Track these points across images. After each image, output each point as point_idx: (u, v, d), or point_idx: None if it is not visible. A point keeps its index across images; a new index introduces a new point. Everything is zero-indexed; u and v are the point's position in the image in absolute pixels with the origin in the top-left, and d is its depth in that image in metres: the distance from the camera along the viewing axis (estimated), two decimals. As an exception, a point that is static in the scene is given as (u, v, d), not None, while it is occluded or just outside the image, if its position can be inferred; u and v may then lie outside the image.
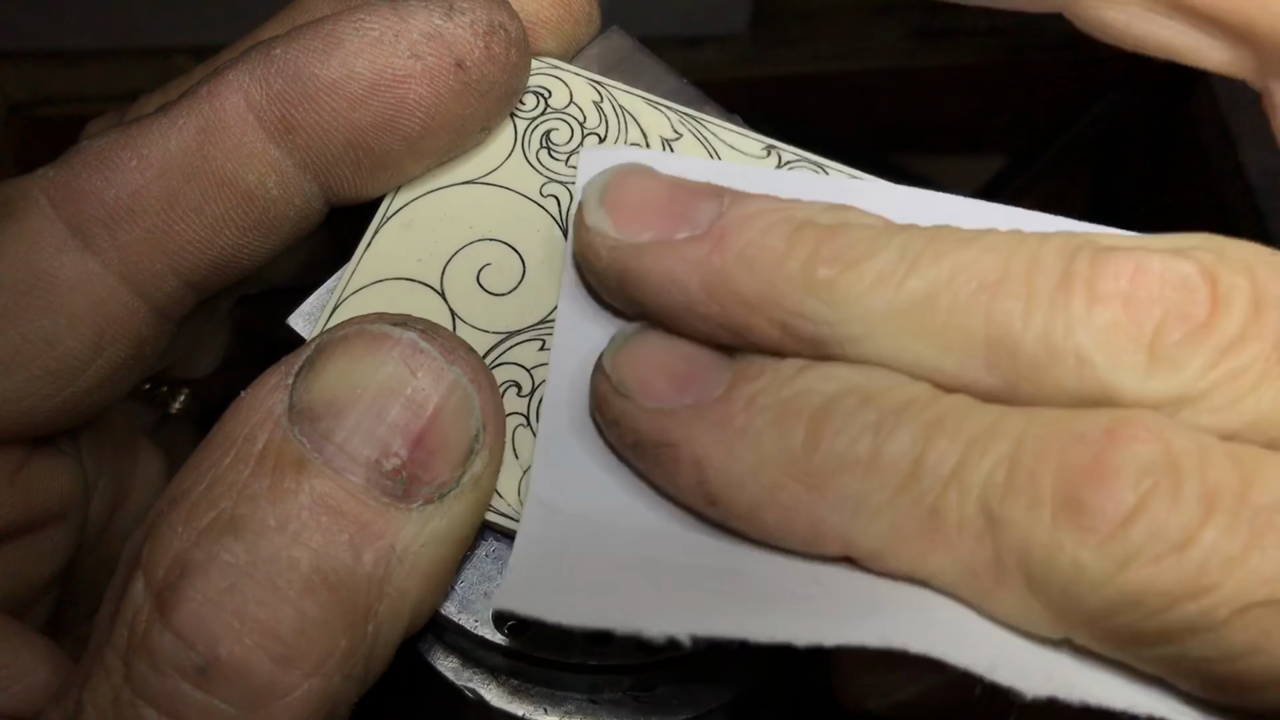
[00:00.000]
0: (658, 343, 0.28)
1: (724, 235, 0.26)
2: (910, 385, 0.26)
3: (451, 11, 0.29)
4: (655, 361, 0.27)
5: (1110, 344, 0.24)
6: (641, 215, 0.27)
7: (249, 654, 0.24)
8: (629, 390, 0.27)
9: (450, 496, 0.26)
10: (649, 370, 0.27)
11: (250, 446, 0.25)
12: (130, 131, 0.29)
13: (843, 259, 0.26)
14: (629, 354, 0.28)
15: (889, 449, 0.25)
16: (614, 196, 0.28)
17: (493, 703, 0.31)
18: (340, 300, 0.30)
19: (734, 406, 0.26)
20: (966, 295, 0.25)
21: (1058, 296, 0.25)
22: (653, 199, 0.28)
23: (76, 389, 0.30)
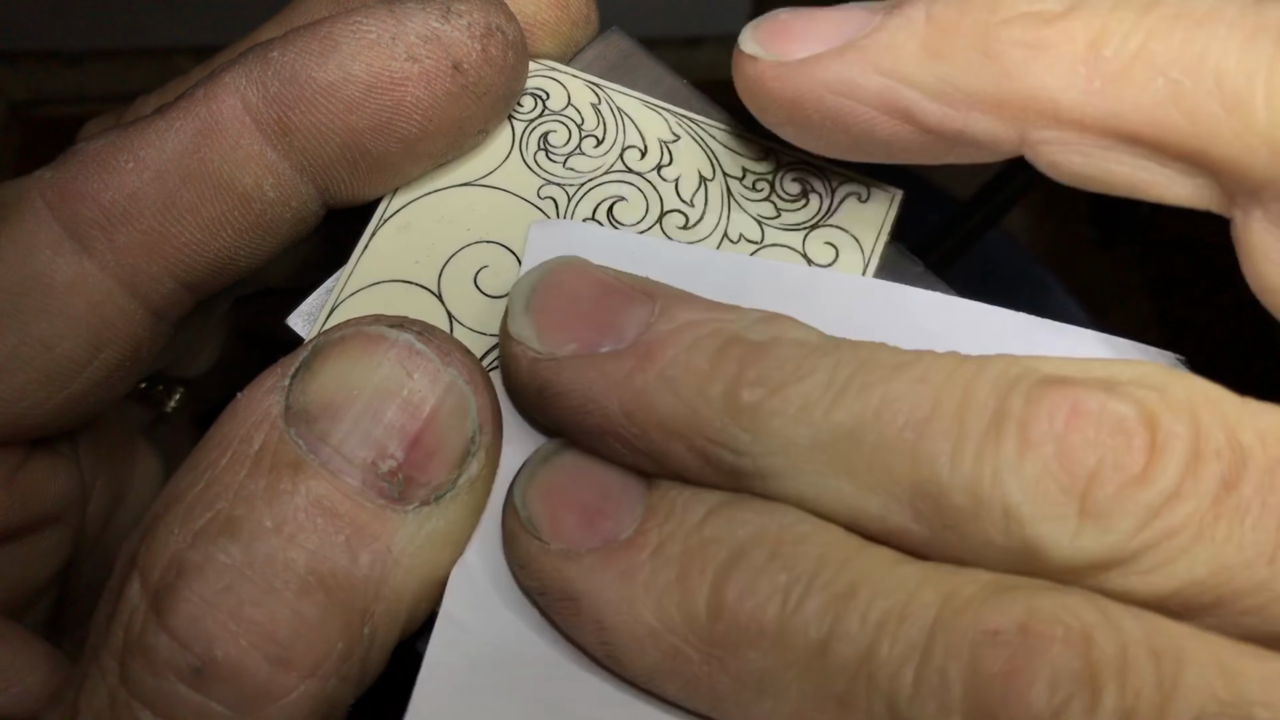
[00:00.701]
0: (572, 470, 0.26)
1: (650, 350, 0.25)
2: (826, 534, 0.24)
3: (449, 14, 0.29)
4: (567, 493, 0.26)
5: (1039, 496, 0.22)
6: (566, 324, 0.26)
7: (245, 656, 0.24)
8: (537, 529, 0.26)
9: (447, 498, 0.26)
10: (559, 503, 0.26)
11: (247, 448, 0.25)
12: (127, 133, 0.29)
13: (767, 382, 0.24)
14: (540, 483, 0.26)
15: (796, 623, 0.23)
16: (540, 300, 0.26)
17: (491, 704, 0.31)
18: (337, 302, 0.30)
19: (639, 555, 0.24)
20: (893, 432, 0.23)
21: (988, 438, 0.23)
22: (579, 304, 0.26)
23: (73, 391, 0.30)
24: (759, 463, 0.24)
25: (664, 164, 0.32)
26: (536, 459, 0.27)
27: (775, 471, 0.24)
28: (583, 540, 0.25)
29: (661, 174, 0.32)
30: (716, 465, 0.25)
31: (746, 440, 0.24)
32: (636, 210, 0.32)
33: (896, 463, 0.23)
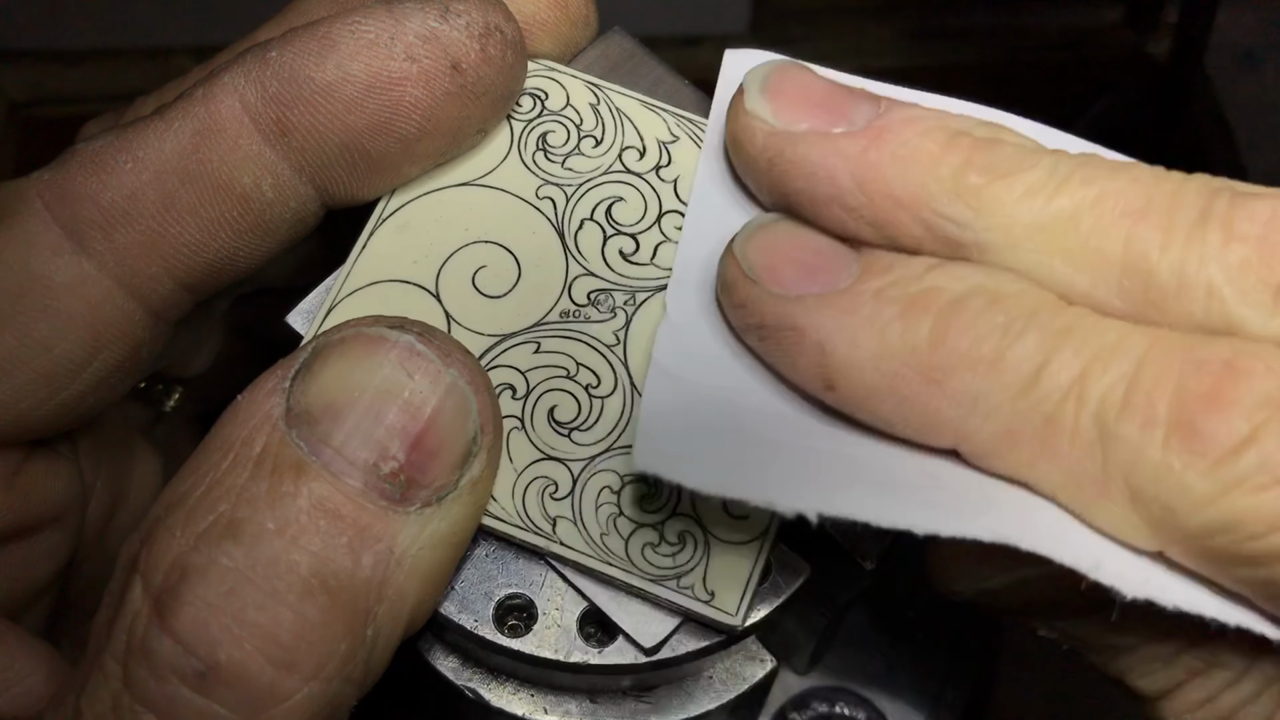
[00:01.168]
0: (789, 232, 0.28)
1: (881, 133, 0.27)
2: (1039, 292, 0.26)
3: (447, 14, 0.29)
4: (785, 250, 0.28)
5: (1240, 281, 0.25)
6: (801, 106, 0.28)
7: (249, 659, 0.24)
8: (757, 275, 0.28)
9: (448, 499, 0.26)
10: (778, 258, 0.28)
11: (248, 450, 0.25)
12: (125, 134, 0.29)
13: (994, 170, 0.27)
14: (760, 240, 0.28)
15: (1014, 352, 0.25)
16: (776, 85, 0.29)
17: (493, 703, 0.31)
18: (335, 302, 0.30)
19: (861, 298, 0.27)
20: (1109, 220, 0.26)
21: (1195, 231, 0.25)
22: (813, 93, 0.29)
23: (73, 391, 0.30)
24: (980, 236, 0.27)
25: (663, 165, 0.32)
26: (754, 224, 0.29)
27: (995, 245, 0.27)
28: (804, 287, 0.27)
29: (660, 174, 0.32)
30: (940, 236, 0.27)
31: (970, 215, 0.27)
32: (635, 210, 0.32)
33: (1109, 245, 0.26)
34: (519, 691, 0.31)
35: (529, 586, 0.29)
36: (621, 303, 0.31)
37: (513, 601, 0.29)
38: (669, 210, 0.32)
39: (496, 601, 0.29)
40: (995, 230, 0.27)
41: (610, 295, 0.31)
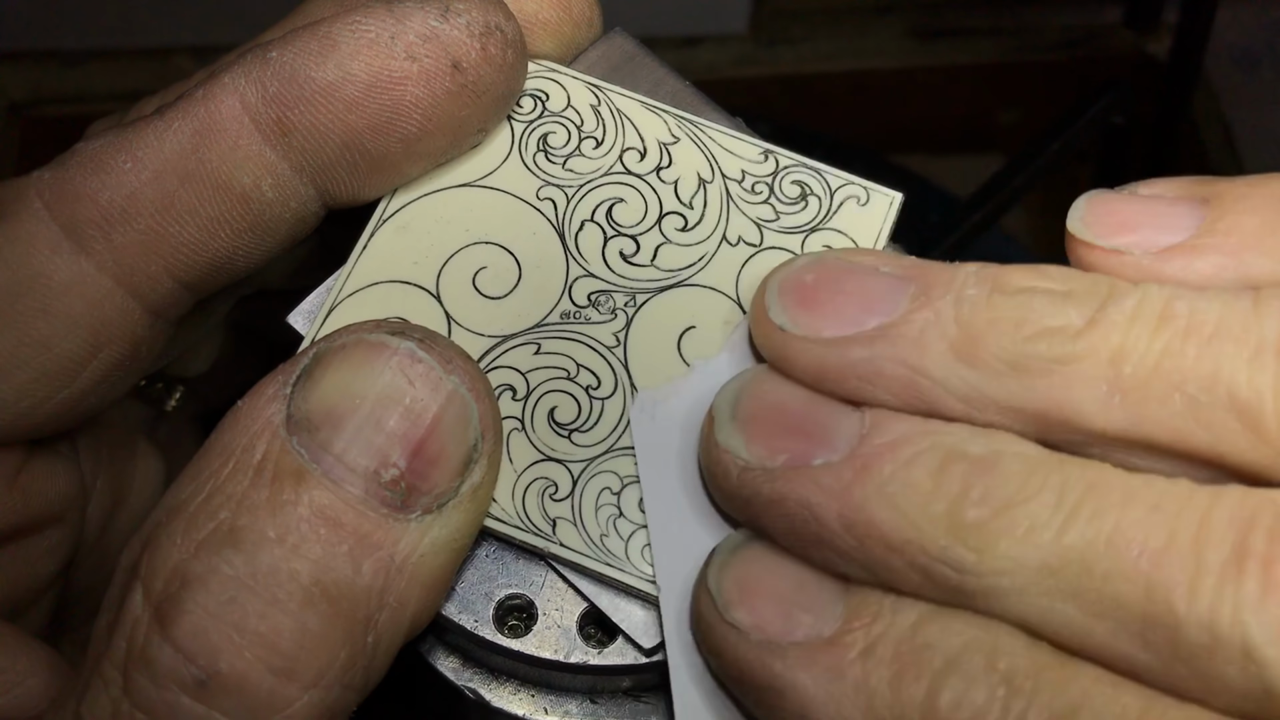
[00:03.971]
0: (765, 560, 0.26)
1: (865, 466, 0.25)
2: (1041, 653, 0.24)
3: (448, 13, 0.29)
4: (763, 581, 0.26)
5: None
6: (775, 434, 0.26)
7: (249, 667, 0.24)
8: (734, 618, 0.26)
9: (449, 506, 0.26)
10: (756, 594, 0.26)
11: (249, 457, 0.25)
12: (125, 134, 0.29)
13: (992, 500, 0.24)
14: (734, 569, 0.26)
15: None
16: (747, 410, 0.27)
17: (493, 703, 0.31)
18: (335, 303, 0.30)
19: (847, 654, 0.24)
20: (1127, 562, 0.23)
21: (1228, 573, 0.22)
22: (788, 415, 0.26)
23: (73, 391, 0.30)
24: (983, 582, 0.24)
25: (663, 166, 0.32)
26: (727, 547, 0.27)
27: (1000, 590, 0.24)
28: (784, 633, 0.25)
29: (661, 176, 0.32)
30: (937, 582, 0.24)
31: (972, 560, 0.24)
32: (636, 212, 0.32)
33: (1129, 592, 0.23)
34: (519, 692, 0.31)
35: (529, 587, 0.29)
36: (622, 304, 0.31)
37: (513, 602, 0.29)
38: (670, 212, 0.32)
39: (497, 602, 0.29)
40: (1000, 575, 0.24)
41: (610, 297, 0.31)
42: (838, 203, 0.32)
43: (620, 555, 0.28)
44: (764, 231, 0.32)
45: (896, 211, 0.32)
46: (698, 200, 0.32)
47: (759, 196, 0.32)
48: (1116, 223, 0.27)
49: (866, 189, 0.32)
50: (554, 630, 0.29)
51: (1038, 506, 0.24)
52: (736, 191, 0.32)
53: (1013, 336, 0.25)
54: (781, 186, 0.32)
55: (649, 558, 0.29)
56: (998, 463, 0.24)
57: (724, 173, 0.32)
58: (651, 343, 0.30)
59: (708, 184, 0.32)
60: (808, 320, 0.27)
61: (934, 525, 0.24)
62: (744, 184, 0.32)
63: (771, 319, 0.27)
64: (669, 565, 0.28)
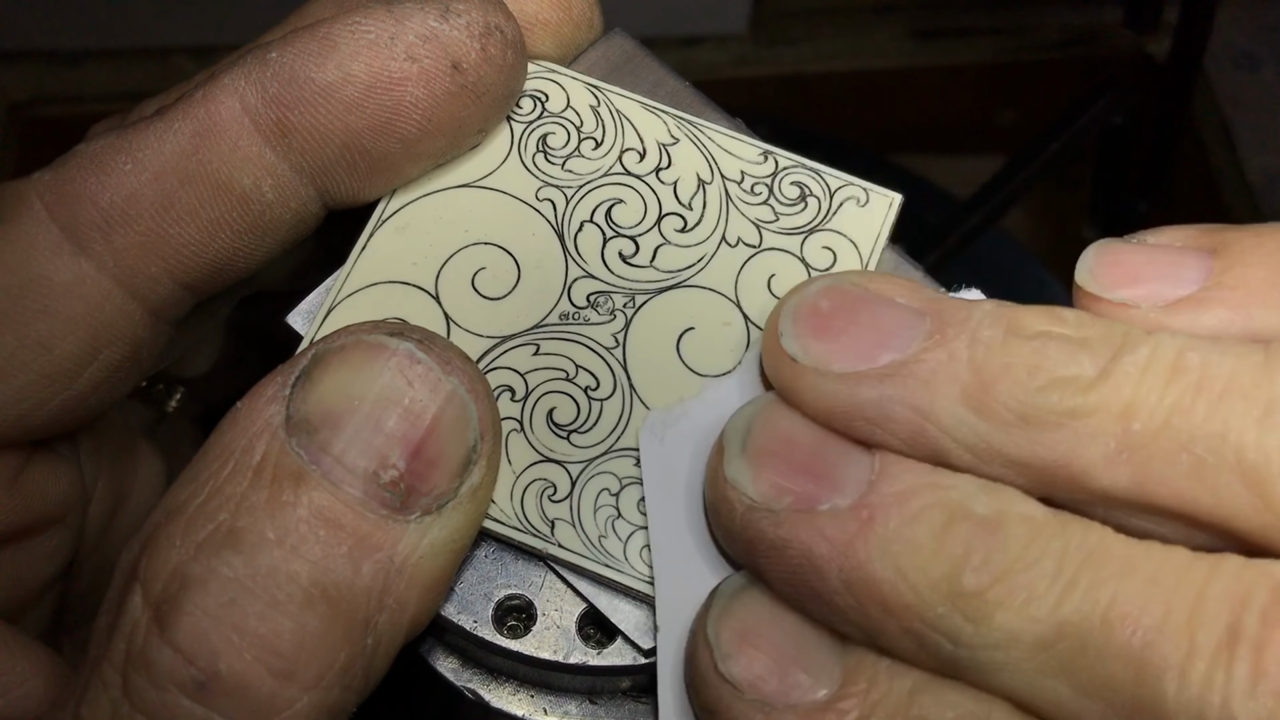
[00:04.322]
0: (766, 611, 0.26)
1: (871, 519, 0.25)
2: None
3: (447, 14, 0.29)
4: (762, 636, 0.26)
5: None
6: (784, 472, 0.26)
7: (249, 669, 0.24)
8: (731, 673, 0.25)
9: (449, 507, 0.26)
10: (753, 645, 0.26)
11: (248, 458, 0.25)
12: (125, 135, 0.29)
13: (992, 567, 0.24)
14: (735, 620, 0.26)
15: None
16: (758, 443, 0.26)
17: (492, 703, 0.31)
18: (334, 304, 0.30)
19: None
20: (1121, 639, 0.23)
21: (1219, 658, 0.22)
22: (798, 451, 0.26)
23: (73, 392, 0.30)
24: (977, 655, 0.24)
25: (663, 167, 0.32)
26: (728, 591, 0.27)
27: (994, 665, 0.24)
28: (779, 694, 0.25)
29: (660, 177, 0.32)
30: (932, 652, 0.24)
31: (968, 631, 0.24)
32: (635, 213, 0.32)
33: (1120, 672, 0.23)
34: (519, 692, 0.31)
35: (528, 588, 0.29)
36: (621, 305, 0.31)
37: (512, 602, 0.29)
38: (669, 213, 0.32)
39: (496, 602, 0.29)
40: (994, 649, 0.23)
41: (610, 297, 0.31)
42: (837, 204, 0.32)
43: (619, 556, 0.29)
44: (763, 232, 0.32)
45: (896, 212, 0.32)
46: (697, 201, 0.32)
47: (758, 197, 0.32)
48: (1124, 275, 0.26)
49: (866, 190, 0.32)
50: (553, 631, 0.29)
51: (1036, 575, 0.23)
52: (736, 192, 0.32)
53: (1025, 386, 0.25)
54: (781, 187, 0.32)
55: (647, 559, 0.29)
56: (1001, 525, 0.24)
57: (723, 174, 0.32)
58: (650, 344, 0.30)
59: (707, 185, 0.32)
60: (820, 351, 0.26)
61: (933, 591, 0.24)
62: (743, 185, 0.32)
63: (784, 347, 0.27)
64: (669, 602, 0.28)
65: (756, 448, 0.26)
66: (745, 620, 0.26)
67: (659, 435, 0.29)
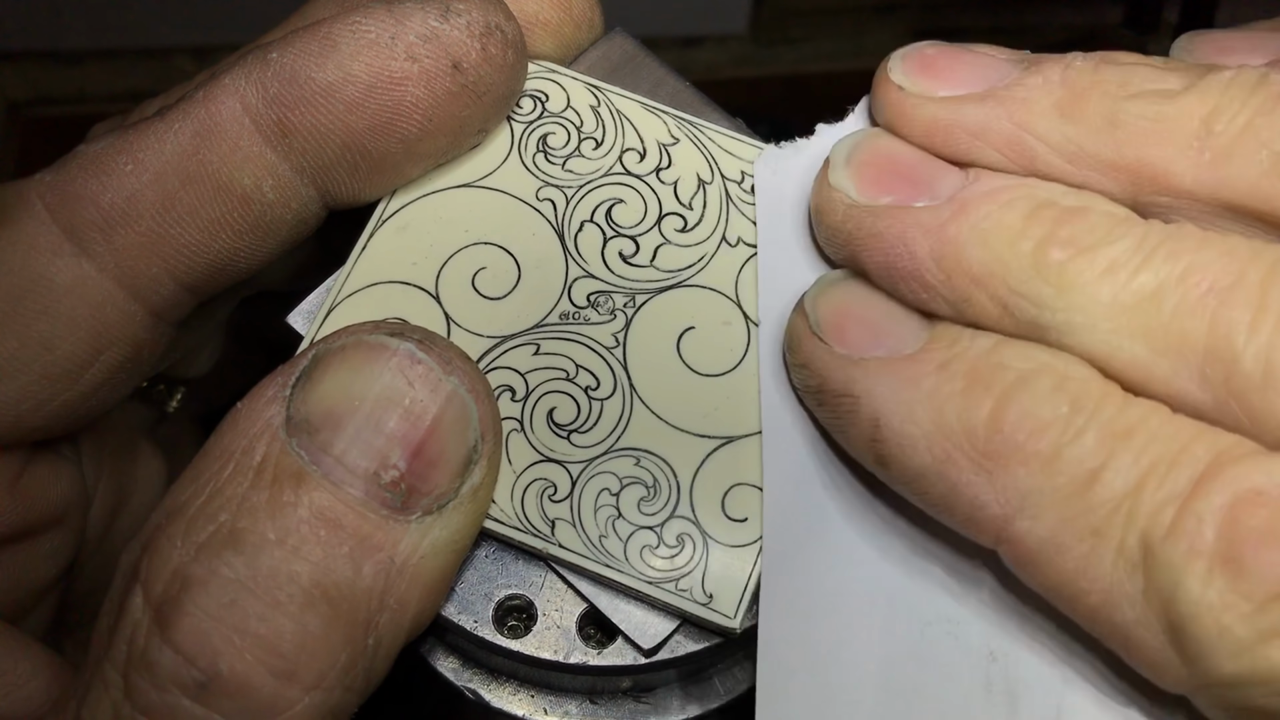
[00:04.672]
0: (860, 292, 0.28)
1: (963, 207, 0.26)
2: (1105, 382, 0.25)
3: (448, 13, 0.29)
4: (855, 309, 0.27)
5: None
6: (884, 179, 0.28)
7: (250, 670, 0.24)
8: (823, 332, 0.27)
9: (449, 507, 0.26)
10: (847, 316, 0.27)
11: (248, 459, 0.25)
12: (126, 136, 0.29)
13: (1077, 243, 0.25)
14: (830, 297, 0.28)
15: (1071, 451, 0.24)
16: (861, 157, 0.28)
17: (493, 703, 0.31)
18: (335, 304, 0.30)
19: (924, 367, 0.26)
20: (1195, 297, 0.24)
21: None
22: (898, 164, 0.28)
23: (75, 393, 0.30)
24: (1058, 317, 0.25)
25: (663, 167, 0.32)
26: (826, 280, 0.29)
27: (1074, 326, 0.25)
28: (868, 349, 0.27)
29: (660, 177, 0.32)
30: (1017, 316, 0.26)
31: (1050, 294, 0.25)
32: (635, 213, 0.32)
33: (1193, 326, 0.24)
34: (519, 692, 0.31)
35: (529, 587, 0.29)
36: (621, 305, 0.31)
37: (512, 602, 0.29)
38: (669, 212, 0.32)
39: (496, 602, 0.29)
40: (1075, 310, 0.25)
41: (610, 297, 0.31)
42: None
43: (619, 556, 0.29)
44: (763, 232, 0.32)
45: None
46: (697, 201, 0.32)
47: (758, 197, 0.32)
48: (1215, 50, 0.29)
49: None
50: (553, 631, 0.29)
51: (1119, 249, 0.25)
52: (736, 192, 0.32)
53: (1115, 95, 0.26)
54: (781, 187, 0.32)
55: (647, 559, 0.29)
56: (1087, 213, 0.26)
57: (723, 174, 0.32)
58: (651, 343, 0.31)
59: (707, 185, 0.32)
60: (925, 82, 0.28)
61: (1020, 261, 0.25)
62: (743, 185, 0.32)
63: (891, 79, 0.28)
64: (771, 301, 0.30)
65: (860, 160, 0.28)
66: (841, 299, 0.28)
67: (771, 166, 0.31)
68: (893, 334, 0.27)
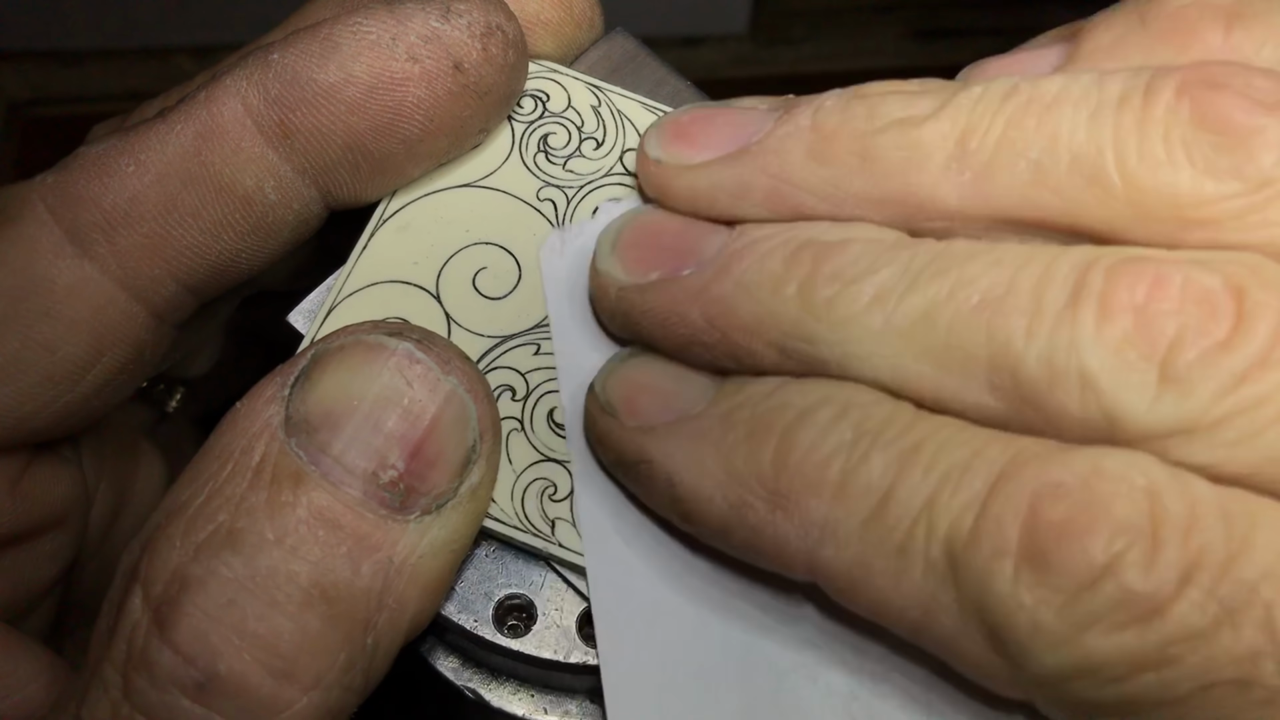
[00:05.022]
0: (648, 364, 0.28)
1: (726, 265, 0.26)
2: (892, 404, 0.25)
3: (449, 14, 0.29)
4: (644, 381, 0.28)
5: (1117, 363, 0.22)
6: (649, 256, 0.28)
7: (249, 669, 0.24)
8: (614, 410, 0.27)
9: (448, 507, 0.26)
10: (637, 390, 0.28)
11: (247, 459, 0.25)
12: (128, 137, 0.29)
13: (841, 276, 0.25)
14: (618, 376, 0.28)
15: (860, 476, 0.24)
16: (626, 239, 0.29)
17: (493, 703, 0.31)
18: (335, 303, 0.30)
19: (708, 421, 0.26)
20: (967, 311, 0.24)
21: (1065, 314, 0.23)
22: (661, 237, 0.28)
23: (76, 394, 0.30)
24: (835, 350, 0.25)
25: None
26: (616, 360, 0.29)
27: (850, 358, 0.25)
28: (659, 416, 0.27)
29: None
30: (795, 357, 0.26)
31: (823, 331, 0.25)
32: (636, 212, 0.32)
33: (971, 339, 0.24)
34: (519, 692, 0.31)
35: (529, 587, 0.29)
36: (622, 305, 0.31)
37: (512, 602, 0.29)
38: (669, 212, 0.32)
39: (496, 602, 0.29)
40: (850, 343, 0.25)
41: (611, 297, 0.31)
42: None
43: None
44: (764, 232, 0.32)
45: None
46: (697, 201, 0.32)
47: (759, 197, 0.32)
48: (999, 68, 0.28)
49: None
50: (553, 630, 0.29)
51: (884, 277, 0.25)
52: (736, 192, 0.32)
53: (864, 130, 0.26)
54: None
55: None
56: (849, 245, 0.25)
57: None
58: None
59: (707, 185, 0.32)
60: (680, 150, 0.28)
61: (786, 306, 0.25)
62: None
63: (648, 154, 0.29)
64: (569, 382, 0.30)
65: (625, 241, 0.29)
66: (630, 376, 0.28)
67: (558, 250, 0.31)
68: (681, 396, 0.27)
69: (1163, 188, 0.23)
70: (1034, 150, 0.24)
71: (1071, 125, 0.24)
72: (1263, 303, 0.22)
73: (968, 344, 0.24)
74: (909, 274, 0.25)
